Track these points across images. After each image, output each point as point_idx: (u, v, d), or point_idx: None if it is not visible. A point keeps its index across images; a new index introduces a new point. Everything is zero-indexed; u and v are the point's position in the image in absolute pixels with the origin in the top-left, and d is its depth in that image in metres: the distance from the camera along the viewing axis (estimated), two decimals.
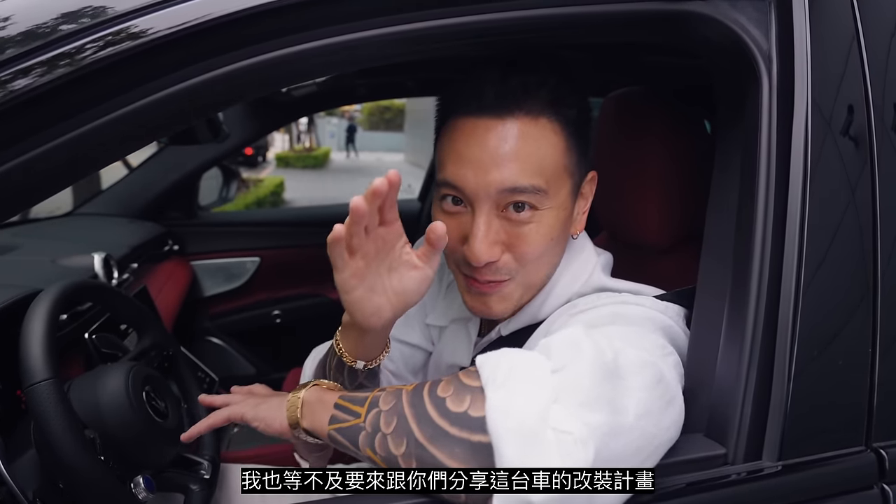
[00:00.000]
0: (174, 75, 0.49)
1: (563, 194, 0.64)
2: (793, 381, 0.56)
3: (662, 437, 0.51)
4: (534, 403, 0.46)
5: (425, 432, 0.51)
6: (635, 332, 0.57)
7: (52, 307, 0.75)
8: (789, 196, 0.58)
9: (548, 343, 0.52)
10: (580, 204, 0.70)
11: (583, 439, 0.45)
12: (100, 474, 0.67)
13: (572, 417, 0.46)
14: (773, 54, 0.61)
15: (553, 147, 0.62)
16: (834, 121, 0.61)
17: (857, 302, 0.59)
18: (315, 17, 0.51)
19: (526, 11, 0.56)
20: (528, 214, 0.62)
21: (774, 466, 0.56)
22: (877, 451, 0.59)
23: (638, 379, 0.50)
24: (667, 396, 0.52)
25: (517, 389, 0.47)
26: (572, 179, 0.65)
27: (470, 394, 0.50)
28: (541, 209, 0.62)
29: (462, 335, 0.80)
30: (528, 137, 0.61)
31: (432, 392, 0.53)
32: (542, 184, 0.61)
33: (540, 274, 0.67)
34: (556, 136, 0.62)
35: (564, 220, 0.65)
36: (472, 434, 0.48)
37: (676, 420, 0.54)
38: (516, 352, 0.52)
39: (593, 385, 0.48)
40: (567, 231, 0.68)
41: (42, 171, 0.49)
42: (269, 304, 2.03)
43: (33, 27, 0.48)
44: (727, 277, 0.62)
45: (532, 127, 0.61)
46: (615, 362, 0.50)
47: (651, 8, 0.59)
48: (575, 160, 0.65)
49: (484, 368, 0.51)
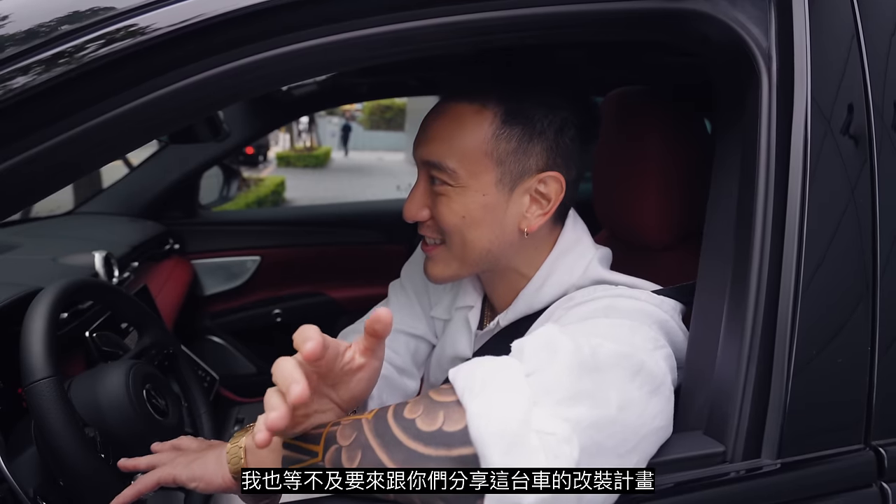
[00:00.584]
0: (174, 73, 0.49)
1: (486, 180, 0.67)
2: (792, 379, 0.56)
3: (649, 425, 0.51)
4: (514, 408, 0.46)
5: (396, 459, 0.49)
6: (627, 325, 0.58)
7: (52, 306, 0.75)
8: (789, 194, 0.58)
9: (521, 345, 0.52)
10: (533, 205, 0.70)
11: (567, 437, 0.45)
12: (100, 472, 0.67)
13: (554, 417, 0.46)
14: (773, 52, 0.61)
15: (475, 132, 0.66)
16: (833, 119, 0.61)
17: (856, 300, 0.59)
18: (314, 15, 0.51)
19: (523, 10, 0.56)
20: (442, 188, 0.69)
21: (773, 464, 0.55)
22: (876, 449, 0.59)
23: (617, 371, 0.50)
24: (650, 386, 0.52)
25: (495, 397, 0.47)
26: (500, 167, 0.67)
27: (443, 410, 0.49)
28: (454, 186, 0.68)
29: (463, 326, 0.82)
30: (456, 120, 0.67)
31: (398, 416, 0.52)
32: (451, 164, 0.67)
33: (471, 251, 0.70)
34: (485, 121, 0.66)
35: (487, 205, 0.68)
36: (450, 449, 0.47)
37: (664, 408, 0.53)
38: (488, 359, 0.51)
39: (571, 382, 0.48)
40: (505, 221, 0.69)
41: (43, 168, 0.49)
42: (269, 302, 2.03)
43: (34, 26, 0.48)
44: (727, 275, 0.62)
45: (466, 110, 0.67)
46: (593, 357, 0.50)
47: (650, 6, 0.59)
48: (508, 150, 0.67)
49: (457, 381, 0.50)
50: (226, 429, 1.40)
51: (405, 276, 0.93)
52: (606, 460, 0.48)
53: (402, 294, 0.93)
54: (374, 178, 13.06)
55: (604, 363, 0.50)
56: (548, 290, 0.71)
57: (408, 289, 0.92)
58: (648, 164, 0.84)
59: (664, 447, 0.55)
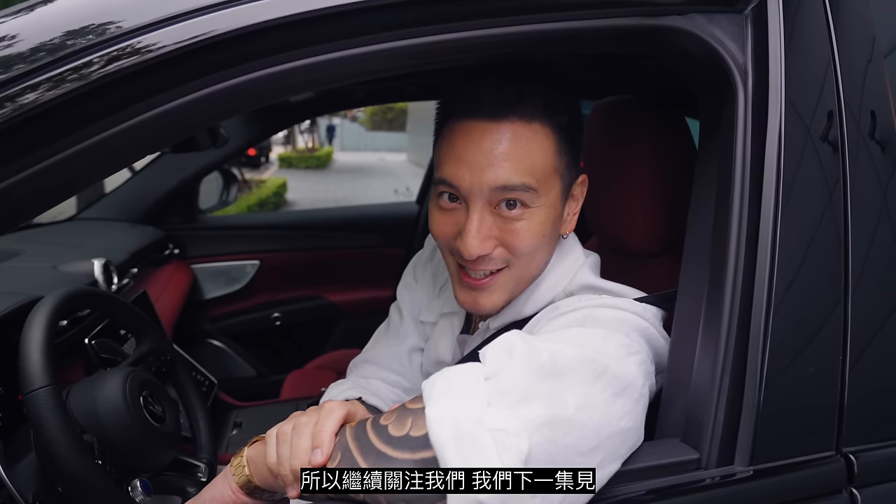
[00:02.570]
0: (179, 89, 0.51)
1: (554, 194, 0.68)
2: (764, 387, 0.57)
3: (613, 426, 0.53)
4: (469, 410, 0.49)
5: (368, 460, 0.53)
6: (600, 334, 0.59)
7: (50, 315, 0.77)
8: (762, 205, 0.60)
9: (485, 350, 0.55)
10: (570, 205, 0.73)
11: (516, 432, 0.48)
12: (97, 478, 0.69)
13: (507, 416, 0.49)
14: (749, 67, 0.62)
15: (544, 149, 0.66)
16: (808, 131, 0.62)
17: (828, 309, 0.61)
18: (320, 32, 0.53)
19: (510, 28, 0.57)
20: (519, 211, 0.66)
21: (746, 471, 0.57)
22: (846, 455, 0.60)
23: (576, 375, 0.53)
24: (613, 388, 0.54)
25: (453, 401, 0.50)
26: (562, 181, 0.69)
27: (412, 416, 0.53)
28: (531, 207, 0.66)
29: (447, 330, 0.84)
30: (520, 140, 0.64)
31: (375, 422, 0.56)
32: (532, 182, 0.65)
33: (531, 268, 0.70)
34: (547, 139, 0.66)
35: (554, 218, 0.69)
36: (414, 452, 0.51)
37: (632, 410, 0.55)
38: (454, 368, 0.55)
39: (526, 384, 0.51)
40: (557, 230, 0.71)
41: (54, 179, 0.51)
42: (268, 306, 2.05)
43: (42, 44, 0.50)
44: (704, 283, 0.63)
45: (525, 130, 0.65)
46: (552, 362, 0.52)
47: (631, 24, 0.61)
48: (565, 163, 0.69)
49: (425, 389, 0.54)
50: (224, 433, 1.42)
51: (400, 299, 0.95)
52: (566, 457, 0.50)
53: (396, 315, 0.95)
54: (376, 178, 13.08)
55: (562, 367, 0.52)
56: (538, 296, 0.73)
57: (403, 309, 0.94)
58: (636, 174, 0.85)
59: (640, 453, 0.56)
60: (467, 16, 0.57)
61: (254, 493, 0.63)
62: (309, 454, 0.55)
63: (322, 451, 0.55)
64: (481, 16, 0.57)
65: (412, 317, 0.93)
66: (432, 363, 0.85)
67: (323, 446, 0.55)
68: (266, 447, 0.59)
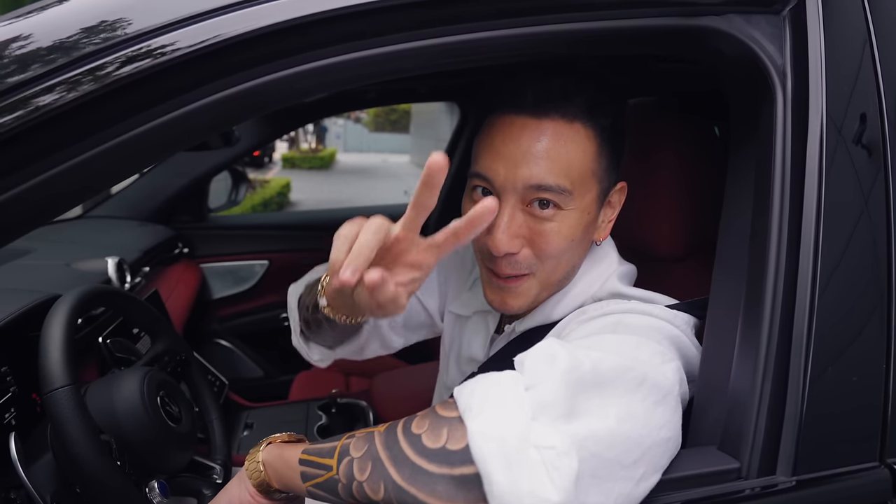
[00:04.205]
0: (197, 91, 0.50)
1: (589, 198, 0.66)
2: (807, 395, 0.56)
3: (654, 436, 0.51)
4: (513, 425, 0.46)
5: (403, 473, 0.50)
6: (633, 341, 0.58)
7: (70, 313, 0.76)
8: (804, 211, 0.58)
9: (522, 359, 0.52)
10: (606, 212, 0.71)
11: (566, 450, 0.46)
12: (116, 479, 0.68)
13: (553, 431, 0.46)
14: (788, 69, 0.61)
15: (584, 151, 0.64)
16: (848, 134, 0.61)
17: (871, 316, 0.59)
18: (336, 34, 0.52)
19: (544, 27, 0.56)
20: (551, 212, 0.64)
21: (789, 481, 0.56)
22: (890, 466, 0.59)
23: (618, 384, 0.51)
24: (653, 397, 0.52)
25: (495, 414, 0.48)
26: (600, 185, 0.67)
27: (447, 426, 0.51)
28: (564, 209, 0.64)
29: (481, 328, 0.82)
30: (560, 139, 0.63)
31: (406, 430, 0.53)
32: (567, 184, 0.63)
33: (558, 273, 0.68)
34: (588, 141, 0.64)
35: (587, 223, 0.67)
36: (452, 468, 0.48)
37: (671, 419, 0.54)
38: (490, 376, 0.52)
39: (569, 396, 0.48)
40: (589, 236, 0.69)
41: (71, 182, 0.50)
42: (277, 306, 2.03)
43: (61, 42, 0.49)
44: (740, 291, 0.62)
45: (566, 129, 0.63)
46: (593, 371, 0.50)
47: (666, 24, 0.60)
48: (604, 167, 0.67)
49: (460, 398, 0.51)
50: (235, 434, 1.40)
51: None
52: (610, 472, 0.48)
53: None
54: (379, 180, 13.10)
55: (604, 377, 0.50)
56: (568, 301, 0.72)
57: (437, 268, 0.88)
58: (661, 176, 0.84)
59: (678, 463, 0.55)
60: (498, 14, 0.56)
61: (271, 495, 0.63)
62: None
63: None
64: (512, 14, 0.56)
65: (444, 278, 0.90)
66: (465, 360, 0.84)
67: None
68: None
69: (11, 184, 0.48)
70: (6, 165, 0.48)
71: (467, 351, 0.83)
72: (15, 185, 0.48)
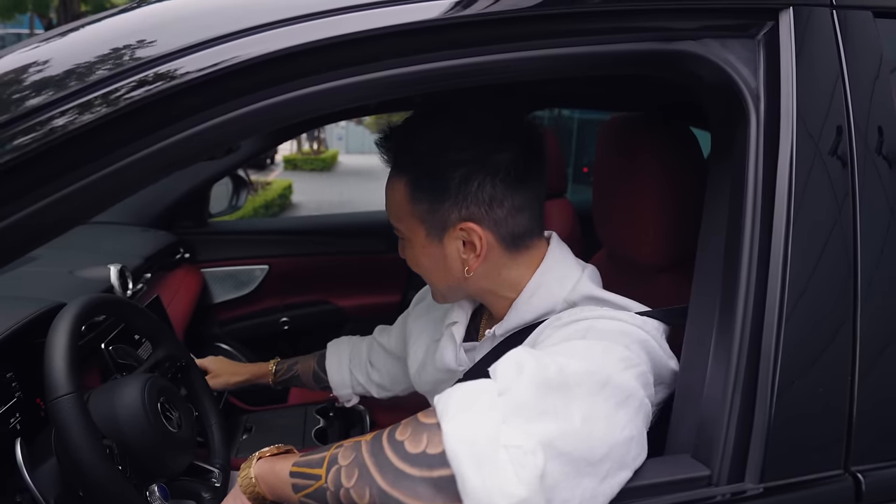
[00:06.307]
0: (203, 114, 0.53)
1: (420, 235, 0.76)
2: (775, 405, 0.59)
3: (617, 435, 0.55)
4: (484, 427, 0.51)
5: (387, 478, 0.54)
6: (601, 346, 0.61)
7: (74, 323, 0.79)
8: (773, 228, 0.61)
9: (495, 367, 0.57)
10: (460, 248, 0.74)
11: (532, 449, 0.50)
12: (120, 484, 0.71)
13: (520, 433, 0.50)
14: (761, 91, 0.63)
15: (399, 199, 0.75)
16: (818, 154, 0.63)
17: (838, 327, 0.62)
18: (337, 59, 0.55)
19: (521, 53, 0.59)
20: (403, 241, 0.80)
21: (756, 488, 0.58)
22: (854, 474, 0.61)
23: (582, 387, 0.55)
24: (615, 399, 0.56)
25: (468, 418, 0.52)
26: (424, 225, 0.75)
27: (426, 432, 0.55)
28: (403, 240, 0.80)
29: (449, 341, 0.88)
30: (389, 187, 0.77)
31: (391, 437, 0.57)
32: (396, 224, 0.78)
33: (436, 288, 0.82)
34: (403, 188, 0.75)
35: (428, 255, 0.76)
36: (431, 471, 0.52)
37: (633, 419, 0.57)
38: (467, 384, 0.56)
39: (537, 399, 0.53)
40: (453, 265, 0.76)
41: (84, 199, 0.53)
42: (277, 311, 2.06)
43: (76, 68, 0.52)
44: (715, 302, 0.64)
45: (391, 178, 0.77)
46: (558, 375, 0.54)
47: (644, 48, 0.62)
48: (426, 209, 0.73)
49: (438, 405, 0.56)
50: (235, 438, 1.43)
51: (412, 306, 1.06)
52: (576, 468, 0.52)
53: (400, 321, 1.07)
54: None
55: (569, 380, 0.55)
56: (537, 302, 0.75)
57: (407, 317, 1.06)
58: (644, 187, 0.87)
59: (652, 469, 0.58)
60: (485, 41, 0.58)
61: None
62: None
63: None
64: (499, 41, 0.59)
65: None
66: (439, 370, 0.88)
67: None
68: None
69: (31, 201, 0.51)
70: (28, 185, 0.51)
71: (440, 363, 0.87)
72: (36, 201, 0.51)
